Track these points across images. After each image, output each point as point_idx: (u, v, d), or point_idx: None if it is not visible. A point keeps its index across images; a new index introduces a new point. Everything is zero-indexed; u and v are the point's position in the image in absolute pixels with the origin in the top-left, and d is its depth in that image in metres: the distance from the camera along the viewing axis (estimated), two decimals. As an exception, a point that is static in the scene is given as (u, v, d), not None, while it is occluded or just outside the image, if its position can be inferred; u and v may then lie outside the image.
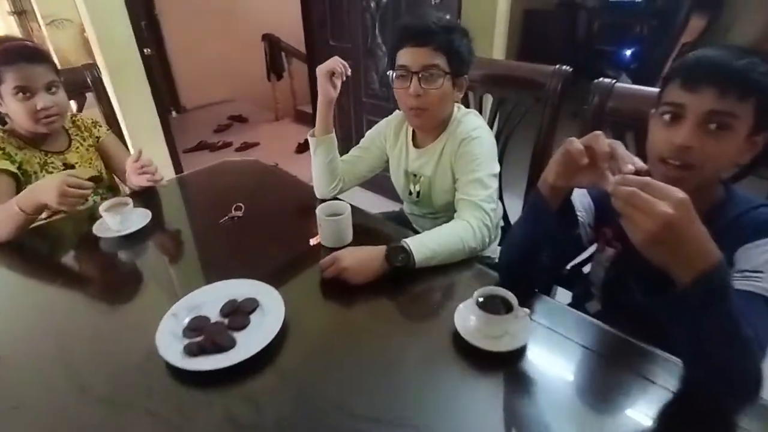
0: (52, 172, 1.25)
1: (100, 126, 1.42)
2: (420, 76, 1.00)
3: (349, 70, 1.12)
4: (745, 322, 0.58)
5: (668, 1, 3.76)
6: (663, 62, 3.44)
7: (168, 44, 4.51)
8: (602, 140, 0.64)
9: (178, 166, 2.69)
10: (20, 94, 1.14)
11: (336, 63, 1.10)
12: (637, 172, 0.60)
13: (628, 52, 4.00)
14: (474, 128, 1.07)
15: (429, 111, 1.05)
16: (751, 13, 3.59)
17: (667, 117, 0.72)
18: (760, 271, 0.66)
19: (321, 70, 1.10)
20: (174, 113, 4.72)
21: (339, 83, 1.12)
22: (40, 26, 3.05)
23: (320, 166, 1.19)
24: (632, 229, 0.55)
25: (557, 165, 0.70)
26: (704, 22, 3.49)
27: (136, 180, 1.23)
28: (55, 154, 1.28)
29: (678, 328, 0.61)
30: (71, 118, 1.37)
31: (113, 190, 1.43)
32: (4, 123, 1.27)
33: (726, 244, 0.61)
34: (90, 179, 1.05)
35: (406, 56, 1.02)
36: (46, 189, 1.03)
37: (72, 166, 1.30)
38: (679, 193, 0.52)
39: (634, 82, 3.64)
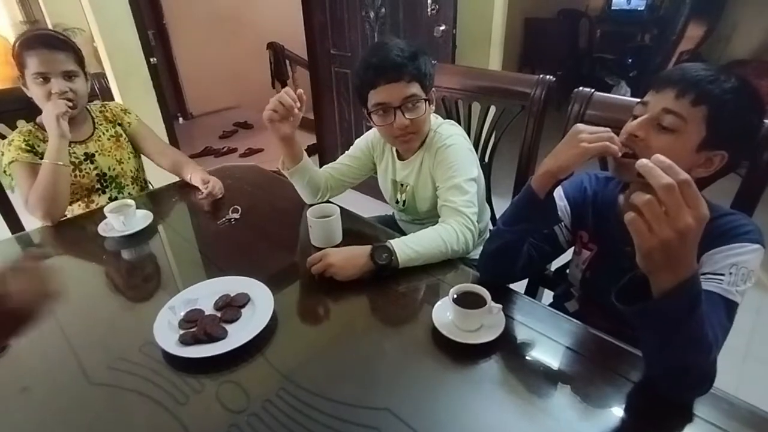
0: (74, 162, 1.31)
1: (130, 113, 1.48)
2: (403, 108, 1.04)
3: (298, 102, 1.02)
4: (708, 323, 0.61)
5: (669, 9, 3.78)
6: (661, 70, 3.43)
7: (176, 52, 4.60)
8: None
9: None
10: (39, 79, 1.22)
11: (273, 106, 1.02)
12: None
13: (629, 61, 3.98)
14: (449, 136, 1.11)
15: (417, 133, 1.10)
16: (750, 23, 3.61)
17: (635, 114, 0.79)
18: (722, 274, 0.71)
19: (264, 118, 1.04)
20: (181, 120, 4.81)
21: (297, 113, 1.04)
22: (51, 35, 3.14)
23: (300, 187, 1.23)
24: (641, 232, 0.53)
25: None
26: (702, 30, 3.50)
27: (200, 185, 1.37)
28: (78, 144, 1.34)
29: (648, 333, 0.64)
30: (99, 108, 1.44)
31: (139, 183, 1.49)
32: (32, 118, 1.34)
33: None
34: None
35: (382, 94, 1.03)
36: (45, 118, 1.21)
37: (92, 155, 1.36)
38: (705, 209, 0.51)
39: (633, 91, 3.68)
